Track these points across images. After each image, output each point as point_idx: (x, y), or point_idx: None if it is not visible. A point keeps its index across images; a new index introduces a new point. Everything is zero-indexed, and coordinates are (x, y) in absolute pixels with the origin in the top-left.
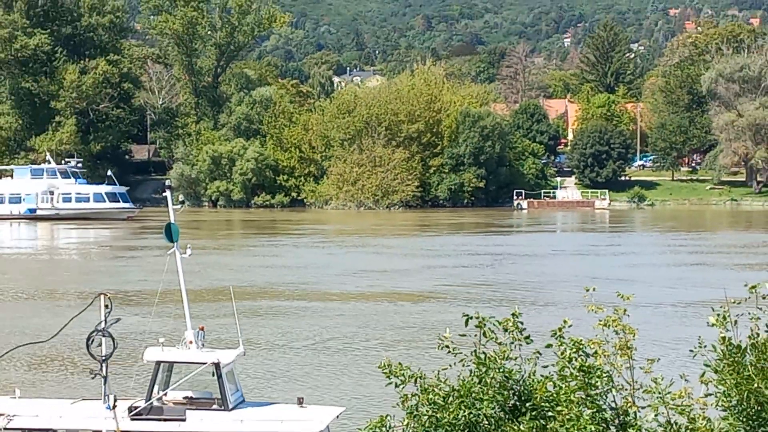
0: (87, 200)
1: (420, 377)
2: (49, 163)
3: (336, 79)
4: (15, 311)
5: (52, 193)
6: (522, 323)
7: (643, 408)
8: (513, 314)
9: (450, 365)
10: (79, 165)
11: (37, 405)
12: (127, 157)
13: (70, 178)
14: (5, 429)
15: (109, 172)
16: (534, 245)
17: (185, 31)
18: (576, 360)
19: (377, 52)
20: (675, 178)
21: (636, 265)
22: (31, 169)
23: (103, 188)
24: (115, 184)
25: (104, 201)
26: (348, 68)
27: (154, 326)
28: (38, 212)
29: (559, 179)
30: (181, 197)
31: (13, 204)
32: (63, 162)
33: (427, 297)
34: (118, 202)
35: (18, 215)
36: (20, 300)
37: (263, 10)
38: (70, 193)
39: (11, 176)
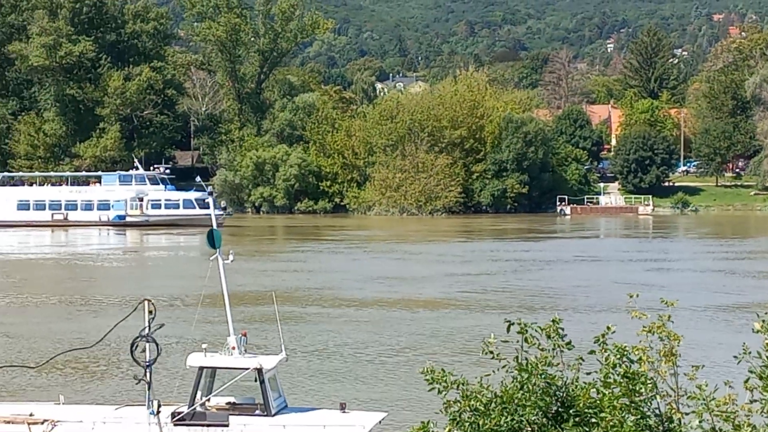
0: (177, 207)
1: (462, 383)
2: (137, 169)
3: (379, 85)
4: (81, 315)
5: (141, 199)
6: (563, 329)
7: (687, 414)
8: (553, 320)
9: (494, 371)
10: (167, 171)
11: (82, 411)
12: (170, 163)
13: (159, 184)
14: None
15: (198, 179)
16: (563, 251)
17: (228, 38)
18: (620, 366)
19: (420, 58)
20: (719, 184)
21: (673, 270)
22: (119, 175)
23: (193, 195)
24: (204, 191)
25: (194, 207)
26: (391, 74)
27: (196, 332)
28: (127, 219)
29: (602, 185)
30: (223, 203)
31: (102, 211)
32: (151, 168)
33: (443, 304)
34: (208, 208)
35: (107, 222)
36: (87, 304)
37: (306, 17)
38: (159, 200)
39: (99, 183)
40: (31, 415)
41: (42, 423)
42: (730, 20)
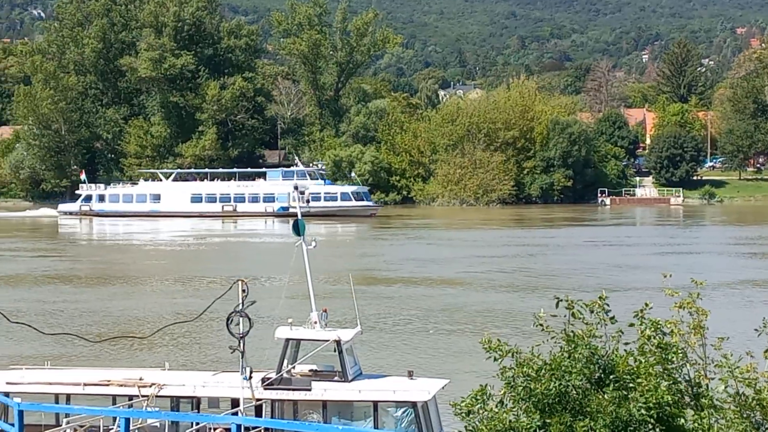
0: (335, 199)
1: (516, 352)
2: (298, 166)
3: (441, 93)
4: (200, 292)
5: (302, 192)
6: (608, 305)
7: (713, 380)
8: (600, 297)
9: (543, 341)
10: (324, 167)
11: (184, 376)
12: (260, 161)
13: (318, 179)
14: (157, 396)
15: (352, 174)
16: (583, 236)
17: (310, 52)
18: (654, 338)
19: (477, 68)
20: (741, 178)
21: (701, 253)
22: (282, 171)
23: (349, 188)
24: (359, 185)
25: (350, 200)
26: (452, 83)
27: (283, 308)
28: (290, 210)
29: (638, 179)
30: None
31: (267, 203)
32: (311, 165)
33: (454, 282)
34: (363, 200)
35: (272, 213)
36: (215, 282)
37: (378, 33)
38: (319, 193)
39: (264, 178)
40: (140, 379)
41: (150, 386)
42: (752, 33)
